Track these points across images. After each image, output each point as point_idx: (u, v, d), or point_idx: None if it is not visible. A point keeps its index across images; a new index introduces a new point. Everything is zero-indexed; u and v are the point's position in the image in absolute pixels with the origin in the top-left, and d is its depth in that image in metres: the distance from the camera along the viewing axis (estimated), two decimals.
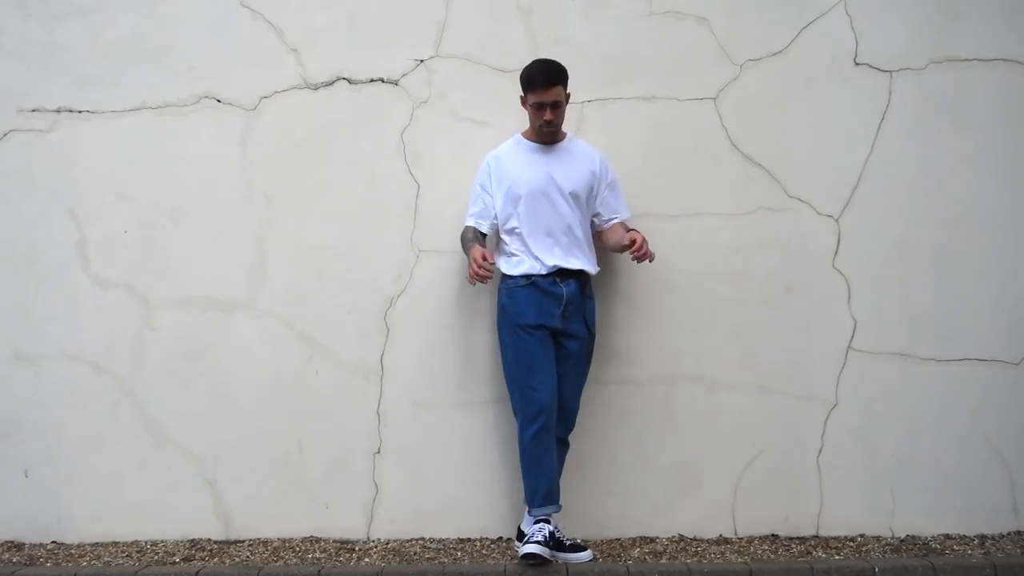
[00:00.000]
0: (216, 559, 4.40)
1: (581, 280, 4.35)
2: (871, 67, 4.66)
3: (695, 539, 4.57)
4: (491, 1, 4.67)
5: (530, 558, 4.14)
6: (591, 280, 4.42)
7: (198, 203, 4.65)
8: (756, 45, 4.66)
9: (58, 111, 4.67)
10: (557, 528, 4.31)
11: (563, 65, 4.34)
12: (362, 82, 4.67)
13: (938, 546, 4.48)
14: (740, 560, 4.32)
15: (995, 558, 4.30)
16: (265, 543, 4.56)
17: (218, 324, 4.63)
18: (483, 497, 4.60)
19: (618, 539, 4.57)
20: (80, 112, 4.67)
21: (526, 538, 4.20)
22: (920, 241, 4.65)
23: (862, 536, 4.58)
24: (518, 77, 4.36)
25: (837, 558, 4.35)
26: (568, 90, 4.34)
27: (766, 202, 4.65)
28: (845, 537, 4.57)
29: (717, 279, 4.64)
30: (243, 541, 4.58)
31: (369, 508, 4.62)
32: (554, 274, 4.31)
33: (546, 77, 4.28)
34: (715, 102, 4.65)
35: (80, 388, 4.63)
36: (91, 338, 4.63)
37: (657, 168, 4.64)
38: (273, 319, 4.63)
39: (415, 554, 4.43)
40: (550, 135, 4.38)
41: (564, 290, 4.31)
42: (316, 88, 4.67)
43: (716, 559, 4.35)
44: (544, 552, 4.13)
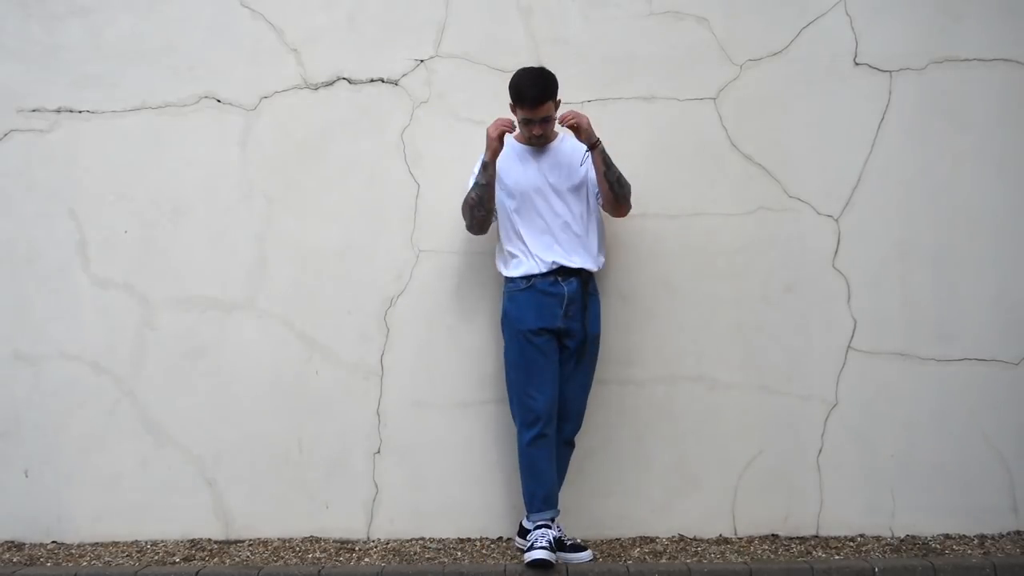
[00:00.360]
0: (216, 559, 4.40)
1: (582, 278, 4.32)
2: (871, 67, 4.66)
3: (695, 539, 4.57)
4: (491, 1, 4.67)
5: (536, 564, 4.13)
6: (594, 277, 4.39)
7: (198, 203, 4.66)
8: (756, 45, 4.66)
9: (58, 111, 4.67)
10: (559, 527, 4.31)
11: (552, 75, 4.25)
12: (362, 82, 4.67)
13: (938, 546, 4.49)
14: (740, 560, 4.33)
15: (995, 558, 4.30)
16: (265, 543, 4.56)
17: (218, 324, 4.63)
18: (483, 497, 4.60)
19: (618, 539, 4.57)
20: (80, 112, 4.67)
21: (530, 544, 4.17)
22: (920, 241, 4.65)
23: (862, 536, 4.58)
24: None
25: (837, 558, 4.35)
26: (558, 96, 4.27)
27: (766, 202, 4.65)
28: (845, 537, 4.57)
29: (717, 279, 4.64)
30: (243, 541, 4.58)
31: (369, 508, 4.62)
32: (554, 272, 4.28)
33: (535, 94, 4.19)
34: (715, 102, 4.65)
35: (80, 388, 4.63)
36: (91, 338, 4.63)
37: (657, 168, 4.64)
38: (273, 319, 4.64)
39: (415, 554, 4.43)
40: (531, 143, 4.34)
41: (565, 289, 4.28)
42: (316, 88, 4.67)
43: (716, 559, 4.35)
44: (550, 558, 4.12)
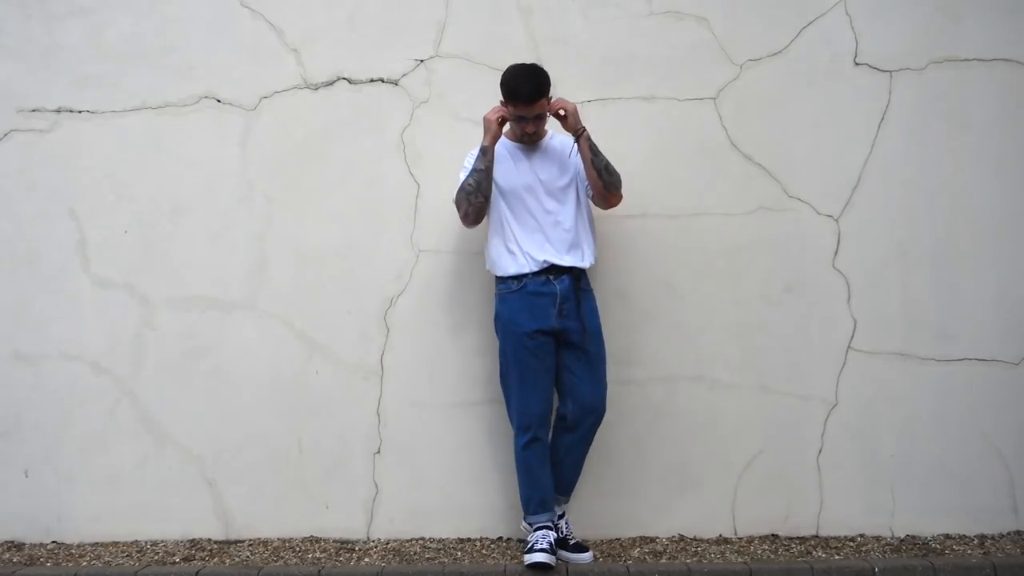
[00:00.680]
0: (216, 559, 4.40)
1: (574, 275, 4.27)
2: (871, 67, 4.66)
3: (695, 539, 4.57)
4: (491, 1, 4.67)
5: (536, 566, 4.12)
6: (586, 274, 4.33)
7: (198, 203, 4.66)
8: (756, 45, 4.66)
9: (58, 111, 4.67)
10: (568, 523, 4.29)
11: (545, 71, 4.22)
12: (362, 82, 4.67)
13: (938, 546, 4.48)
14: (740, 560, 4.33)
15: (995, 558, 4.30)
16: (265, 543, 4.56)
17: (218, 324, 4.64)
18: (483, 497, 4.60)
19: (618, 539, 4.56)
20: (80, 112, 4.67)
21: (530, 545, 4.17)
22: (920, 241, 4.65)
23: (862, 536, 4.58)
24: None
25: (837, 558, 4.35)
26: (550, 93, 4.23)
27: (766, 202, 4.65)
28: (845, 537, 4.57)
29: (717, 279, 4.64)
30: (243, 541, 4.58)
31: (369, 508, 4.62)
32: (546, 271, 4.24)
33: (529, 91, 4.15)
34: (715, 102, 4.65)
35: (80, 388, 4.63)
36: (91, 338, 4.64)
37: (657, 168, 4.64)
38: (273, 319, 4.64)
39: (415, 554, 4.43)
40: (524, 142, 4.31)
41: (558, 287, 4.23)
42: (316, 88, 4.67)
43: (716, 559, 4.35)
44: (550, 560, 4.11)
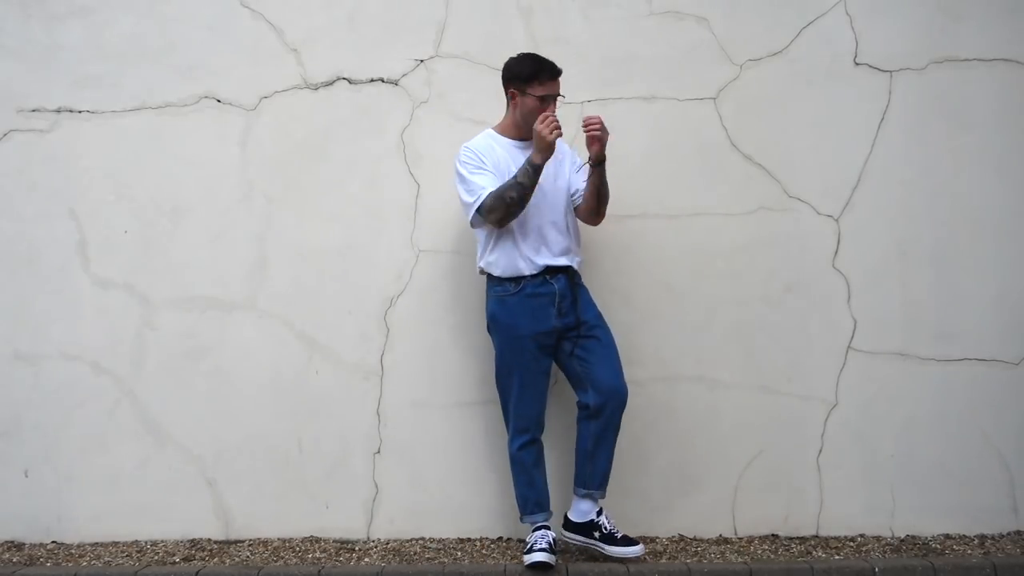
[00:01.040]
0: (216, 559, 4.40)
1: (568, 274, 4.25)
2: (871, 67, 4.66)
3: (695, 539, 4.57)
4: (491, 1, 4.67)
5: (536, 566, 4.11)
6: (578, 272, 4.30)
7: (198, 203, 4.65)
8: (756, 45, 4.66)
9: (58, 111, 4.67)
10: (608, 520, 4.22)
11: None
12: (362, 82, 4.67)
13: (938, 546, 4.48)
14: (740, 560, 4.32)
15: (995, 558, 4.30)
16: (265, 543, 4.56)
17: (218, 324, 4.63)
18: (483, 497, 4.60)
19: None
20: (80, 112, 4.67)
21: (530, 545, 4.16)
22: (920, 241, 4.65)
23: (862, 536, 4.58)
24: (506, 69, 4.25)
25: (837, 558, 4.35)
26: None
27: (766, 202, 4.65)
28: (845, 537, 4.57)
29: (717, 279, 4.64)
30: (243, 541, 4.58)
31: (369, 508, 4.62)
32: (543, 273, 4.21)
33: (552, 65, 4.18)
34: (715, 102, 4.65)
35: (80, 388, 4.63)
36: (91, 338, 4.63)
37: (657, 168, 4.64)
38: (273, 319, 4.63)
39: (415, 554, 4.43)
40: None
41: (556, 286, 4.21)
42: (316, 88, 4.67)
43: (716, 559, 4.35)
44: (550, 560, 4.11)
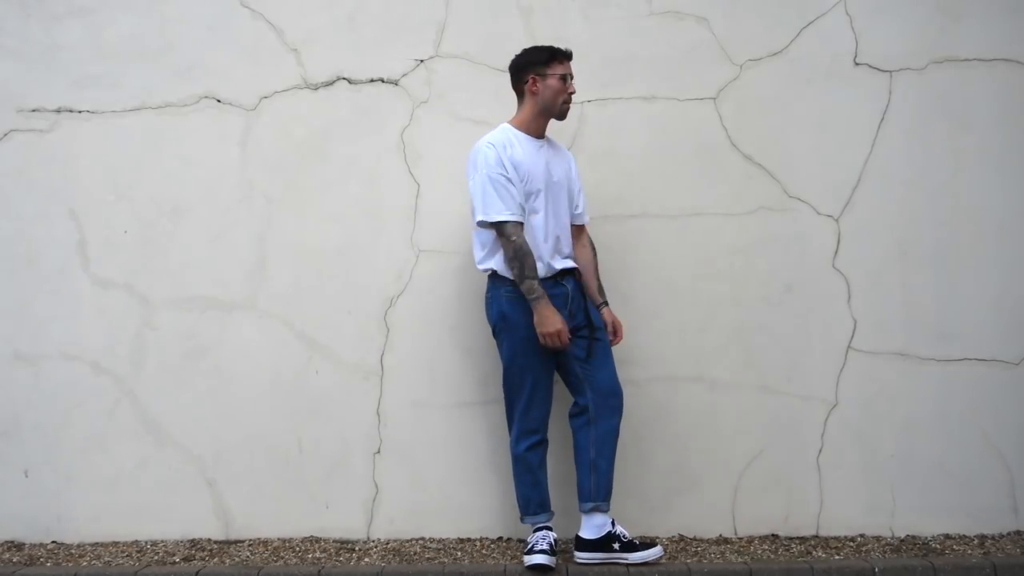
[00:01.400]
0: (216, 559, 4.40)
1: (575, 275, 4.28)
2: (871, 67, 4.66)
3: (695, 539, 4.57)
4: (491, 1, 4.67)
5: (536, 568, 4.11)
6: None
7: (198, 203, 4.65)
8: (756, 45, 4.66)
9: (58, 111, 4.67)
10: (621, 528, 4.21)
11: None
12: (362, 82, 4.67)
13: (938, 546, 4.48)
14: (740, 560, 4.32)
15: (995, 558, 4.29)
16: (265, 543, 4.56)
17: (218, 324, 4.63)
18: (483, 497, 4.60)
19: None
20: (80, 112, 4.67)
21: (530, 546, 4.16)
22: (920, 241, 4.65)
23: (862, 536, 4.58)
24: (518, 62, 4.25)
25: (837, 558, 4.34)
26: None
27: (766, 202, 4.65)
28: (845, 537, 4.57)
29: (717, 279, 4.63)
30: (243, 541, 4.58)
31: (369, 508, 4.62)
32: (555, 275, 4.21)
33: (566, 50, 4.22)
34: (715, 102, 4.65)
35: (80, 388, 4.63)
36: (91, 338, 4.63)
37: (657, 168, 4.64)
38: (273, 319, 4.63)
39: (415, 554, 4.43)
40: (564, 114, 4.26)
41: (568, 287, 4.22)
42: (316, 88, 4.67)
43: (716, 559, 4.35)
44: (550, 561, 4.11)
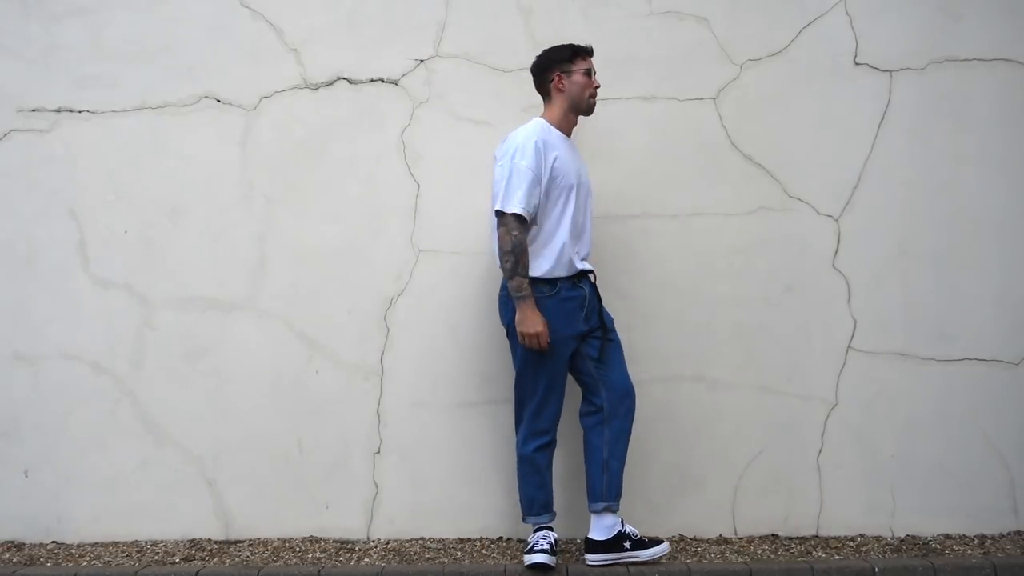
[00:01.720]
0: (216, 559, 4.40)
1: (592, 277, 4.26)
2: (871, 67, 4.66)
3: (695, 539, 4.57)
4: (491, 1, 4.67)
5: (536, 567, 4.11)
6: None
7: (198, 203, 4.65)
8: (756, 45, 4.66)
9: (58, 111, 4.67)
10: (627, 526, 4.21)
11: None
12: (362, 82, 4.67)
13: (938, 546, 4.48)
14: (740, 560, 4.32)
15: (995, 558, 4.30)
16: (265, 543, 4.56)
17: (218, 324, 4.63)
18: (483, 497, 4.60)
19: None
20: (80, 112, 4.67)
21: (531, 546, 4.15)
22: (920, 241, 4.65)
23: (862, 536, 4.58)
24: (541, 63, 4.25)
25: (837, 558, 4.35)
26: None
27: (766, 202, 4.65)
28: (845, 537, 4.57)
29: (717, 279, 4.63)
30: (243, 541, 4.58)
31: (369, 508, 4.62)
32: (575, 276, 4.17)
33: (587, 45, 4.24)
34: (715, 102, 4.65)
35: (80, 388, 4.63)
36: (91, 338, 4.63)
37: (657, 168, 4.64)
38: (273, 319, 4.63)
39: (415, 554, 4.43)
40: (591, 109, 4.25)
41: (585, 290, 4.20)
42: (316, 88, 4.67)
43: (716, 559, 4.35)
44: (551, 561, 4.11)
